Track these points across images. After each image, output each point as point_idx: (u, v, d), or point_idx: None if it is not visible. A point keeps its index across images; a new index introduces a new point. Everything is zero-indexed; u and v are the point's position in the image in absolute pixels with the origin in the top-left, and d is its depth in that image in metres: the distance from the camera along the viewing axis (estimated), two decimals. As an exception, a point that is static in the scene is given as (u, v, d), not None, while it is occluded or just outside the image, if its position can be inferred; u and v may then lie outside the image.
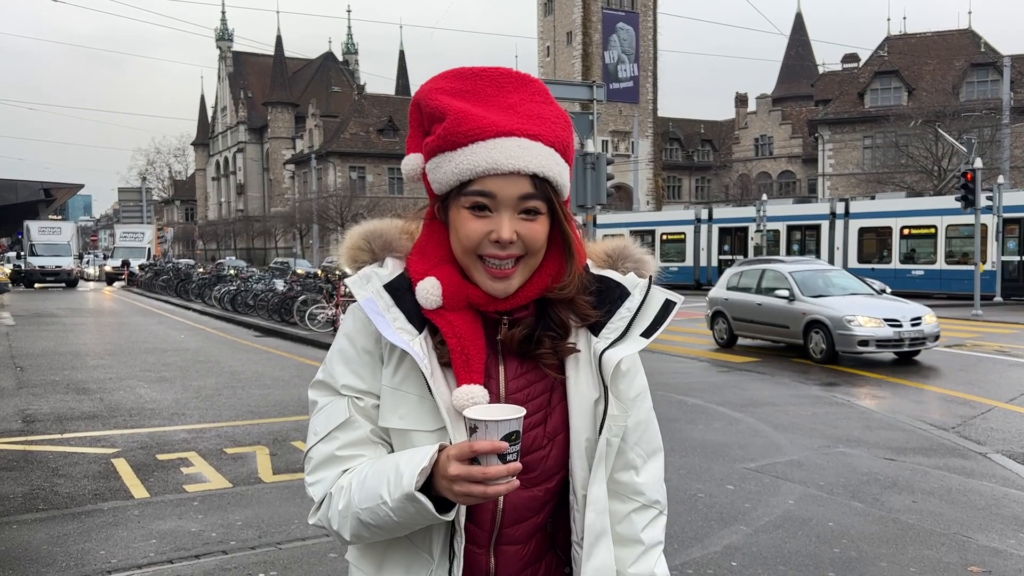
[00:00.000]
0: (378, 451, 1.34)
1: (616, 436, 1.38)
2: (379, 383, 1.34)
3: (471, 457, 1.17)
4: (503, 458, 1.17)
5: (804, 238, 31.38)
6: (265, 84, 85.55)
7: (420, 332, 1.31)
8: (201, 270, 38.06)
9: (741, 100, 73.97)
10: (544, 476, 1.35)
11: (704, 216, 35.61)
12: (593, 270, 1.41)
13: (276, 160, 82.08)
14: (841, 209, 30.11)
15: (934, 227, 27.07)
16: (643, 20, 66.16)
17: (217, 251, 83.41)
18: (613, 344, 1.35)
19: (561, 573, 1.42)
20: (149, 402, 9.79)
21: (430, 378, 1.28)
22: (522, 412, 1.19)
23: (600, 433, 1.34)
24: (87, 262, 57.97)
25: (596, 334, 1.36)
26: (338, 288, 17.05)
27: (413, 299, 1.32)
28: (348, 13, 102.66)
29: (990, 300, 23.83)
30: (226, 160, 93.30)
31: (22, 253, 43.35)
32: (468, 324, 1.31)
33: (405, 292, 1.33)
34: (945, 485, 6.26)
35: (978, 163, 21.84)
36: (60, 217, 47.52)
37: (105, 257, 59.68)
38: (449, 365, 1.31)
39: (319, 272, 25.30)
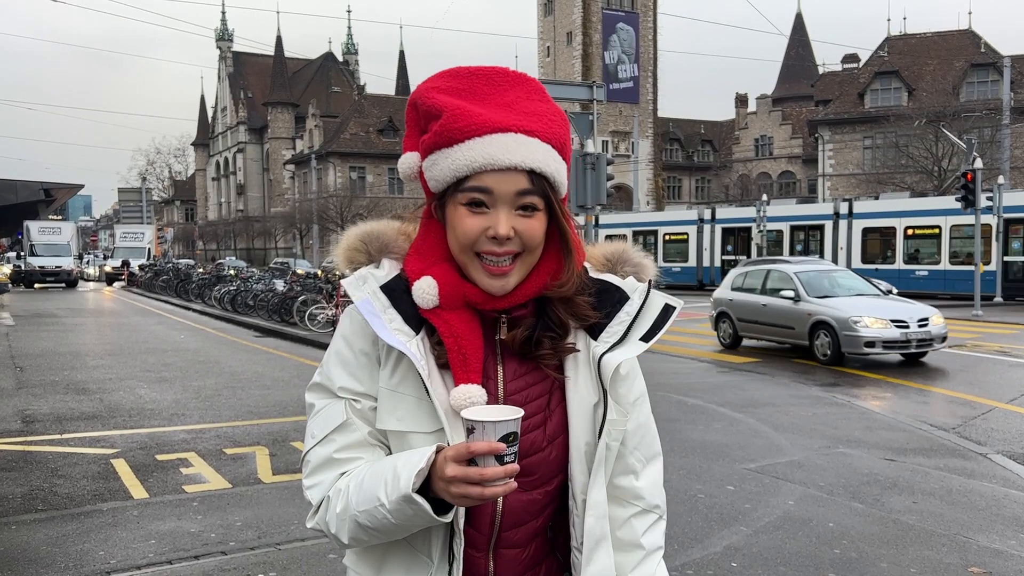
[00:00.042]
0: (376, 453, 1.33)
1: (615, 440, 1.37)
2: (376, 385, 1.33)
3: (469, 458, 1.16)
4: (501, 459, 1.16)
5: (807, 238, 31.31)
6: (265, 84, 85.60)
7: (417, 333, 1.31)
8: (201, 270, 38.06)
9: (741, 100, 74.01)
10: (543, 479, 1.34)
11: (707, 216, 35.54)
12: (592, 274, 1.40)
13: (276, 160, 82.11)
14: (845, 209, 29.97)
15: (938, 227, 26.95)
16: (643, 20, 66.16)
17: (217, 251, 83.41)
18: (612, 348, 1.34)
19: None
20: (149, 402, 9.78)
21: (427, 379, 1.27)
22: (520, 413, 1.18)
23: (599, 437, 1.33)
24: (87, 262, 58.03)
25: (595, 338, 1.35)
26: (338, 288, 17.04)
27: (410, 300, 1.31)
28: (348, 13, 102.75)
29: (990, 300, 23.85)
30: (226, 160, 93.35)
31: (22, 253, 43.38)
32: (465, 323, 1.30)
33: (402, 293, 1.32)
34: (946, 486, 6.25)
35: (978, 163, 21.83)
36: (60, 217, 47.48)
37: (105, 257, 59.67)
38: (447, 366, 1.29)
39: (319, 272, 25.24)
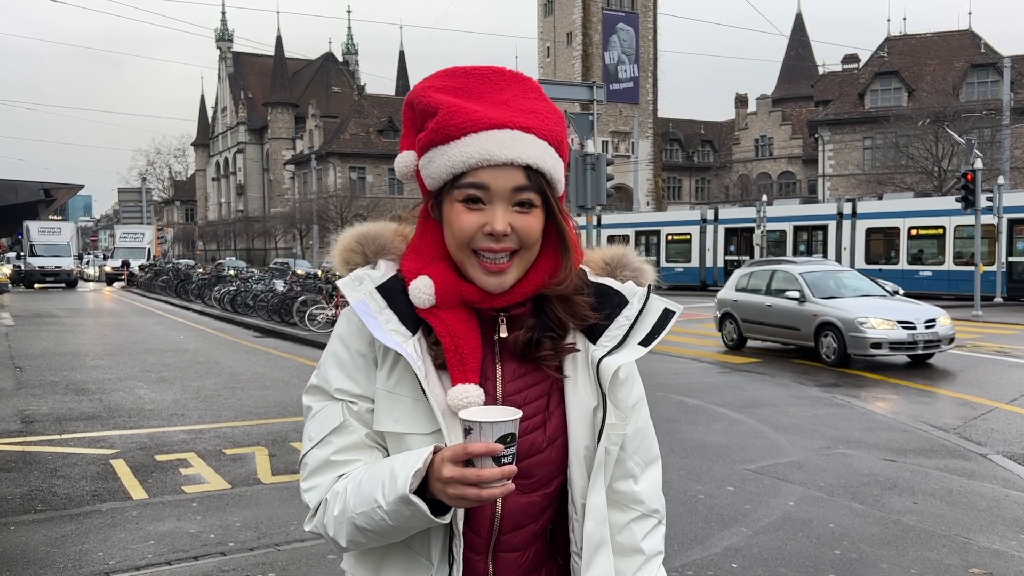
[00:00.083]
0: (373, 455, 1.32)
1: (615, 445, 1.37)
2: (374, 387, 1.32)
3: (466, 459, 1.15)
4: (498, 461, 1.15)
5: (811, 239, 31.20)
6: (265, 84, 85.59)
7: (414, 334, 1.30)
8: (201, 270, 38.09)
9: (741, 101, 74.00)
10: (542, 481, 1.33)
11: (710, 216, 35.37)
12: (591, 277, 1.39)
13: (276, 160, 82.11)
14: (848, 209, 29.78)
15: (942, 227, 26.79)
16: (643, 21, 66.16)
17: (217, 251, 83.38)
18: (611, 352, 1.33)
19: None
20: (148, 403, 9.78)
21: (424, 380, 1.26)
22: (518, 414, 1.17)
23: (599, 441, 1.32)
24: (87, 262, 58.04)
25: (594, 341, 1.34)
26: (338, 289, 17.00)
27: (407, 300, 1.31)
28: (348, 13, 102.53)
29: (990, 301, 23.84)
30: (226, 160, 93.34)
31: (22, 253, 43.39)
32: (463, 323, 1.29)
33: (398, 294, 1.32)
34: (946, 486, 6.25)
35: (978, 164, 21.83)
36: (60, 217, 47.49)
37: (105, 257, 59.66)
38: (444, 366, 1.29)
39: (319, 273, 25.27)
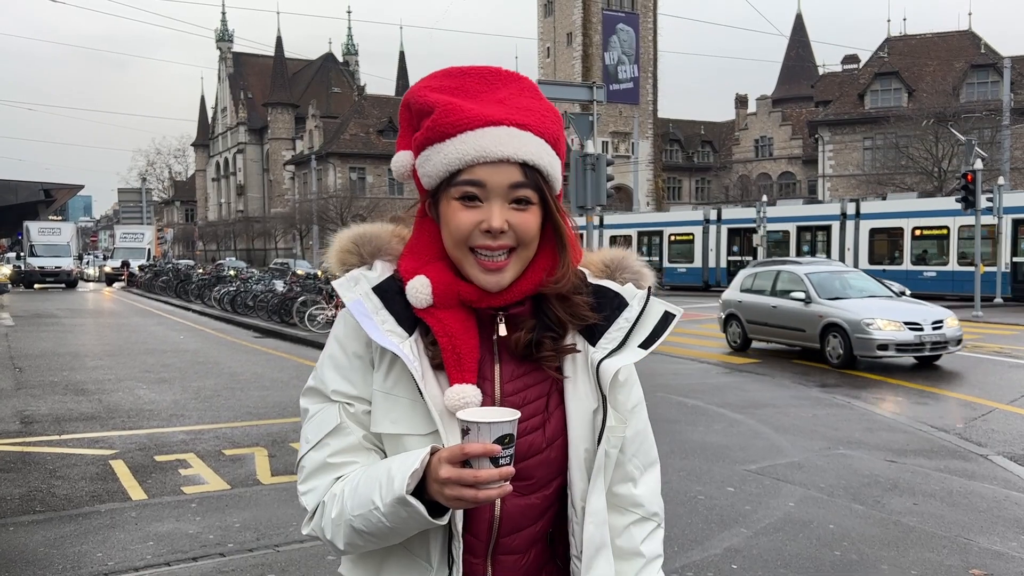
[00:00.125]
0: (371, 457, 1.31)
1: (614, 447, 1.36)
2: (371, 388, 1.31)
3: (463, 460, 1.14)
4: (496, 462, 1.14)
5: (814, 239, 31.13)
6: (265, 85, 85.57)
7: (411, 334, 1.29)
8: (201, 271, 38.07)
9: (741, 101, 73.97)
10: (542, 483, 1.32)
11: (713, 217, 35.25)
12: (591, 279, 1.39)
13: (276, 161, 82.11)
14: (852, 210, 29.66)
15: (946, 228, 26.68)
16: (643, 21, 66.17)
17: (217, 252, 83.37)
18: (611, 354, 1.32)
19: None
20: (148, 403, 9.77)
21: (420, 380, 1.25)
22: (516, 415, 1.16)
23: (599, 444, 1.32)
24: (87, 263, 58.01)
25: (593, 343, 1.34)
26: (337, 289, 17.02)
27: (403, 301, 1.30)
28: (348, 14, 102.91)
29: (990, 301, 23.84)
30: (226, 161, 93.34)
31: (22, 254, 43.39)
32: (460, 322, 1.28)
33: (395, 294, 1.31)
34: (946, 487, 6.24)
35: (978, 164, 21.82)
36: (60, 218, 47.51)
37: (105, 258, 59.65)
38: (442, 367, 1.28)
39: (319, 273, 25.23)
